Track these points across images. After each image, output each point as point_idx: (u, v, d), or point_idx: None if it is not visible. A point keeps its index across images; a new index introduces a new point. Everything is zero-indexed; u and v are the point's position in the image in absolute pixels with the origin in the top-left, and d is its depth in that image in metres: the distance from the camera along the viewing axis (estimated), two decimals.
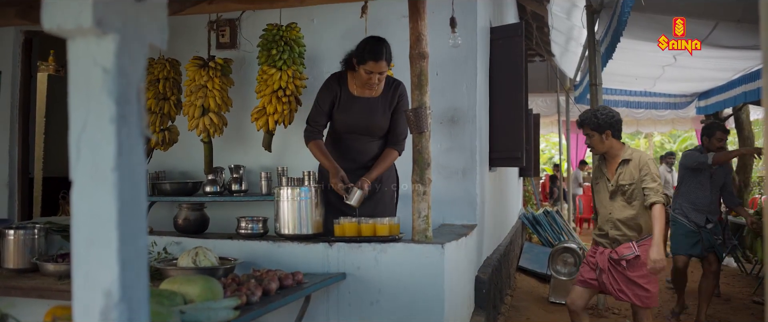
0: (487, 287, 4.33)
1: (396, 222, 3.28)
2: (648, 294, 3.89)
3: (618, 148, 4.01)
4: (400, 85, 3.71)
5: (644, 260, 3.83)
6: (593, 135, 4.00)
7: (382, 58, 3.42)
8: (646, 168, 3.89)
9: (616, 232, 3.95)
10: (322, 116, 3.67)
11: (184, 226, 3.63)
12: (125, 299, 1.29)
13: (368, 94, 3.63)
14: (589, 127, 4.00)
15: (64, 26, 1.26)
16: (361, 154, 3.70)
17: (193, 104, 4.30)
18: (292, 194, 3.35)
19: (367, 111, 3.62)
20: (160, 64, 4.51)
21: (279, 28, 4.18)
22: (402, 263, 3.15)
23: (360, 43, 3.52)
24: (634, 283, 3.89)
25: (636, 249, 3.87)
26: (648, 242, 3.85)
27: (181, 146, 4.78)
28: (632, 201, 3.92)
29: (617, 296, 3.98)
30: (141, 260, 1.35)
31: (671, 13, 6.08)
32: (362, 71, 3.46)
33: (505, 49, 5.05)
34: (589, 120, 3.99)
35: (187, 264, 3.01)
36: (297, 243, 3.32)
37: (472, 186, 4.45)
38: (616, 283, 3.95)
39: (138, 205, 1.35)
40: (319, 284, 2.97)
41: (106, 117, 1.28)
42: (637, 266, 3.88)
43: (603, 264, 4.00)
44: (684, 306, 6.21)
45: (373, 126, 3.65)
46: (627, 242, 3.91)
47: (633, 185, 3.91)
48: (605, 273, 3.99)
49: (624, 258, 3.89)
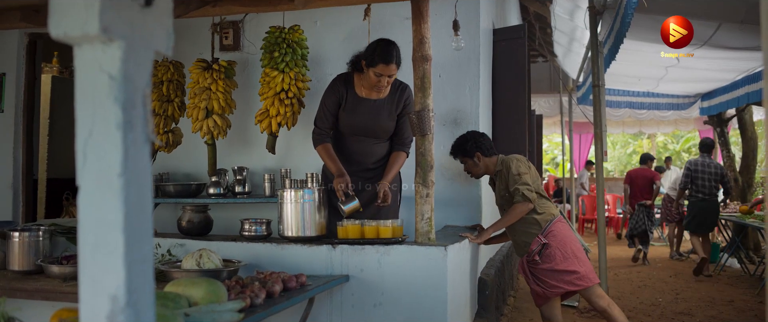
0: (489, 288, 4.34)
1: (399, 224, 3.29)
2: (577, 275, 3.83)
3: (493, 164, 4.03)
4: (407, 89, 3.72)
5: (555, 245, 3.82)
6: (466, 161, 4.05)
7: (393, 62, 3.45)
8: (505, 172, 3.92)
9: (519, 237, 3.97)
10: (328, 118, 3.70)
11: (188, 228, 3.64)
12: (131, 303, 1.30)
13: (375, 96, 3.65)
14: (460, 156, 4.06)
15: (71, 33, 1.27)
16: (366, 157, 3.72)
17: (197, 106, 4.32)
18: (296, 196, 3.36)
19: (373, 113, 3.64)
20: (164, 66, 4.53)
21: (281, 30, 4.20)
22: (405, 265, 3.16)
23: (370, 46, 3.55)
24: (555, 271, 3.85)
25: (542, 239, 3.85)
26: (553, 228, 3.85)
27: (184, 148, 4.79)
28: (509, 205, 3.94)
29: (551, 292, 3.90)
30: (147, 265, 1.37)
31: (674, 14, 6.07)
32: (371, 74, 3.48)
33: (508, 51, 5.06)
34: (455, 149, 4.06)
35: (191, 266, 3.02)
36: (300, 245, 3.33)
37: (475, 188, 4.46)
38: (542, 281, 3.90)
39: (144, 210, 1.36)
40: (322, 286, 2.98)
41: (113, 123, 1.30)
42: (551, 255, 3.84)
43: (523, 271, 4.01)
44: None
45: (378, 128, 3.67)
46: (533, 239, 3.89)
47: (506, 194, 3.94)
48: (529, 279, 3.97)
49: (534, 253, 3.86)
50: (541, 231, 3.88)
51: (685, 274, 8.67)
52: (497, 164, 4.01)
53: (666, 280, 8.22)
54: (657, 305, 6.63)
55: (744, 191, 10.53)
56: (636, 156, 22.99)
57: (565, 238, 3.89)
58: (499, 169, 3.99)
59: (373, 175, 3.74)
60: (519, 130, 5.02)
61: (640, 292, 7.21)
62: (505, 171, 3.92)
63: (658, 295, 7.18)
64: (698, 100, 11.25)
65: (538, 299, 4.03)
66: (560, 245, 3.87)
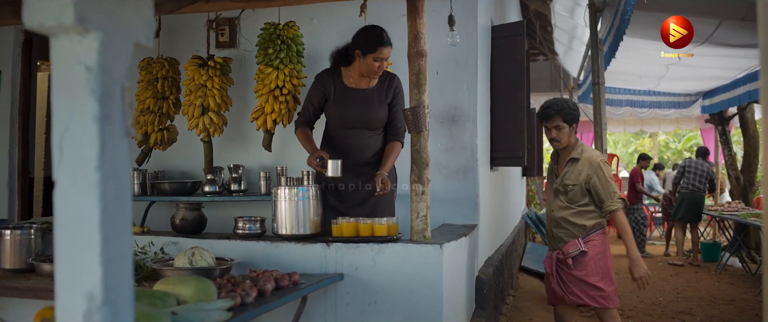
0: (487, 287, 4.30)
1: (394, 222, 3.25)
2: (602, 293, 3.65)
3: (573, 145, 3.80)
4: (395, 78, 3.73)
5: (592, 256, 3.65)
6: (564, 127, 3.76)
7: (389, 43, 3.50)
8: (597, 172, 3.65)
9: (558, 230, 3.78)
10: (310, 110, 3.69)
11: (182, 226, 3.61)
12: (108, 301, 1.26)
13: (365, 86, 3.62)
14: (563, 118, 3.73)
15: (46, 23, 1.23)
16: (362, 150, 3.67)
17: (193, 104, 4.28)
18: (290, 194, 3.32)
19: (364, 102, 3.61)
20: (159, 63, 4.49)
21: (276, 26, 4.16)
22: (400, 263, 3.12)
23: (359, 35, 3.54)
24: (584, 282, 3.66)
25: (582, 245, 3.66)
26: (595, 238, 3.67)
27: (180, 146, 4.75)
28: (573, 203, 3.72)
29: (569, 299, 3.73)
30: (125, 262, 1.33)
31: (674, 12, 6.04)
32: (371, 60, 3.48)
33: (507, 48, 5.01)
34: (564, 110, 3.73)
35: (184, 264, 3.00)
36: (294, 243, 3.29)
37: (473, 186, 4.42)
38: (566, 285, 3.72)
39: (122, 205, 1.32)
40: (315, 285, 2.94)
41: (89, 116, 1.26)
42: (585, 263, 3.66)
43: (550, 269, 3.80)
44: None
45: (371, 117, 3.63)
46: (573, 240, 3.70)
47: (576, 186, 3.70)
48: (553, 277, 3.79)
49: (569, 256, 3.67)
50: (583, 235, 3.69)
51: (686, 273, 8.63)
52: (576, 149, 3.77)
53: (667, 279, 8.18)
54: (658, 304, 6.59)
55: (746, 189, 10.49)
56: (638, 155, 22.90)
57: (604, 252, 3.71)
58: (577, 157, 3.72)
59: (371, 170, 3.68)
60: (518, 128, 4.97)
61: (640, 291, 7.17)
62: (593, 167, 3.66)
63: (658, 294, 7.14)
64: (699, 99, 11.22)
65: (553, 298, 3.89)
66: (597, 258, 3.68)
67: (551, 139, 3.82)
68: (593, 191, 3.67)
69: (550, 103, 3.81)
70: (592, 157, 3.72)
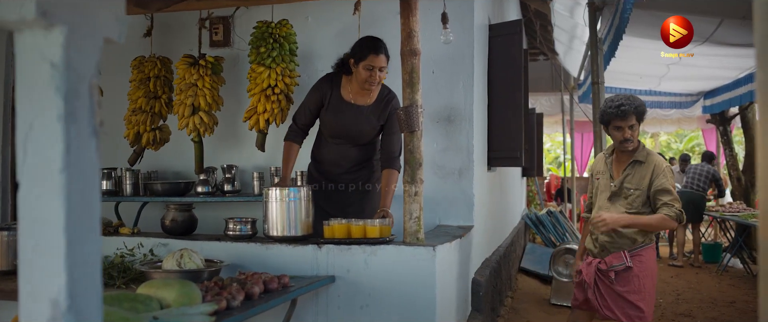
0: (484, 289, 4.24)
1: (387, 224, 3.20)
2: (640, 314, 3.40)
3: (635, 145, 3.49)
4: (395, 99, 3.63)
5: (637, 272, 3.38)
6: (637, 126, 3.43)
7: (382, 52, 3.41)
8: (662, 178, 3.37)
9: (606, 238, 3.47)
10: (306, 115, 3.65)
11: (172, 227, 3.56)
12: (74, 308, 1.21)
13: (361, 102, 3.57)
14: (637, 117, 3.41)
15: (7, 17, 1.18)
16: (342, 159, 3.70)
17: (183, 103, 4.22)
18: (281, 195, 3.27)
19: (354, 118, 3.57)
20: (151, 61, 4.43)
21: (268, 25, 4.10)
22: (392, 265, 3.07)
23: (356, 44, 3.51)
24: (623, 299, 3.40)
25: (628, 260, 3.40)
26: (643, 253, 3.44)
27: (174, 146, 4.70)
28: (631, 209, 3.42)
29: (604, 313, 3.49)
30: (92, 267, 1.28)
31: (674, 11, 5.98)
32: (362, 69, 3.42)
33: (504, 47, 4.95)
34: (639, 108, 3.40)
35: (172, 267, 2.94)
36: (285, 245, 3.24)
37: (469, 186, 4.36)
38: (603, 298, 3.47)
39: (89, 208, 1.27)
40: (305, 288, 2.89)
41: (54, 114, 1.20)
42: (628, 279, 3.40)
43: (589, 278, 3.50)
44: None
45: (358, 134, 3.61)
46: (617, 251, 3.43)
47: (639, 191, 3.41)
48: (591, 289, 3.50)
49: (613, 269, 3.41)
50: (631, 248, 3.42)
51: (687, 275, 8.57)
52: (640, 151, 3.47)
53: (667, 281, 8.12)
54: (658, 306, 6.53)
55: (747, 190, 10.43)
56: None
57: (651, 269, 3.47)
58: (642, 160, 3.43)
59: (350, 177, 3.69)
60: (515, 128, 4.90)
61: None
62: (654, 172, 3.38)
63: (659, 296, 7.07)
64: (701, 99, 11.15)
65: (583, 304, 3.62)
66: (643, 275, 3.41)
67: (623, 139, 3.45)
68: (652, 196, 3.40)
69: (622, 101, 3.43)
70: (659, 162, 3.43)
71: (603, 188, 3.58)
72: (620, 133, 3.44)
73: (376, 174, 3.72)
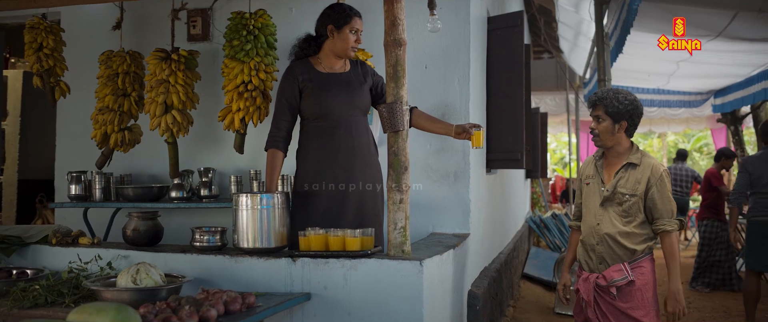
0: (481, 302, 3.91)
1: (369, 234, 2.87)
2: None
3: (625, 147, 3.22)
4: (365, 63, 3.48)
5: (640, 285, 3.11)
6: (605, 120, 3.19)
7: (360, 16, 3.29)
8: (659, 184, 3.13)
9: (603, 248, 3.18)
10: (285, 113, 3.19)
11: (133, 237, 3.24)
12: None
13: (339, 70, 3.29)
14: (604, 110, 3.18)
15: None
16: (360, 147, 3.23)
17: (154, 101, 3.90)
18: (253, 202, 2.94)
19: (345, 85, 3.23)
20: (120, 56, 4.11)
21: (243, 15, 3.77)
22: (375, 281, 2.75)
23: (328, 12, 3.27)
24: (627, 316, 3.11)
25: (629, 273, 3.10)
26: (644, 264, 3.14)
27: (148, 148, 4.39)
28: (628, 217, 3.16)
29: None
30: None
31: (685, 3, 5.65)
32: (348, 33, 3.20)
33: (504, 41, 4.62)
34: (608, 100, 3.17)
35: (127, 284, 2.63)
36: (257, 258, 2.92)
37: (465, 191, 4.03)
38: (605, 317, 3.16)
39: None
40: (275, 308, 2.57)
41: None
42: (631, 295, 3.11)
43: (588, 296, 3.21)
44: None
45: (356, 99, 3.23)
46: (617, 264, 3.13)
47: (635, 197, 3.14)
48: (590, 307, 3.20)
49: (614, 284, 3.10)
50: (631, 260, 3.14)
51: None
52: (633, 154, 3.21)
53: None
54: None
55: None
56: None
57: (653, 281, 3.19)
58: (636, 162, 3.18)
59: (373, 171, 3.27)
60: (516, 127, 4.56)
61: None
62: (655, 177, 3.13)
63: None
64: (711, 97, 10.84)
65: (581, 316, 3.34)
66: (645, 288, 3.14)
67: (590, 130, 3.29)
68: (649, 205, 3.14)
69: (600, 91, 3.30)
70: (655, 165, 3.18)
71: (593, 193, 3.29)
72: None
73: (376, 173, 3.32)
